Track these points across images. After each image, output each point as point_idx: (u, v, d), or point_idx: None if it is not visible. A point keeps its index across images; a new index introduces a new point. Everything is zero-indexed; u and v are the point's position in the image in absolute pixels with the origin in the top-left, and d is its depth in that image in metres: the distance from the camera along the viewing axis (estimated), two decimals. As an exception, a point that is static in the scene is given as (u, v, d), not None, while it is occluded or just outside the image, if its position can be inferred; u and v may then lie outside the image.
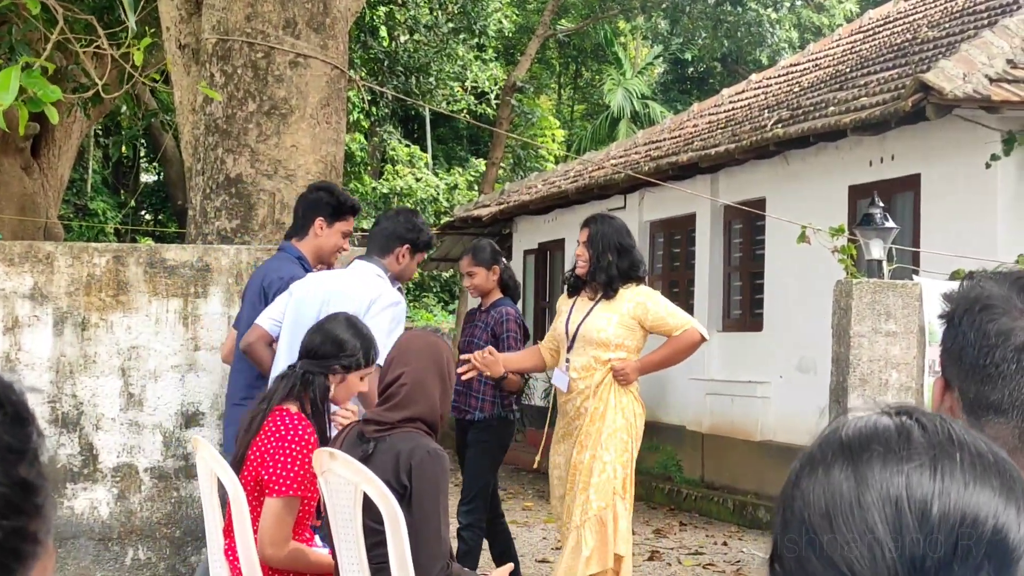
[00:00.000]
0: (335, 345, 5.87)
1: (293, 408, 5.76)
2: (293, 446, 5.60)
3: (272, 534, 5.56)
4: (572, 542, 7.87)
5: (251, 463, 5.73)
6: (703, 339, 8.17)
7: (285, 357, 6.66)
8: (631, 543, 8.12)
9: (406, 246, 7.27)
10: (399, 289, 7.26)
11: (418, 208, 31.16)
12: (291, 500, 5.56)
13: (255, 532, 5.68)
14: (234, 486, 5.60)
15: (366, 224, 29.51)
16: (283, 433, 5.65)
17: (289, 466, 5.57)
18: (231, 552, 5.74)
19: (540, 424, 10.07)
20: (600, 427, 7.94)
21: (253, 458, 5.72)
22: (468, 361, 8.36)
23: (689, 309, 17.59)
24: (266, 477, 5.60)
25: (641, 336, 8.11)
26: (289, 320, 6.92)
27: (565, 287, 8.49)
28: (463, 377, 8.35)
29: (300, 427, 5.67)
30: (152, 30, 9.13)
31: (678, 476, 16.39)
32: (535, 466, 9.58)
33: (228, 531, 5.75)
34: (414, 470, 5.06)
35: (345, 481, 5.07)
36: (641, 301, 8.07)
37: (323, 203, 7.42)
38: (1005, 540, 1.31)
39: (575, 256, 8.20)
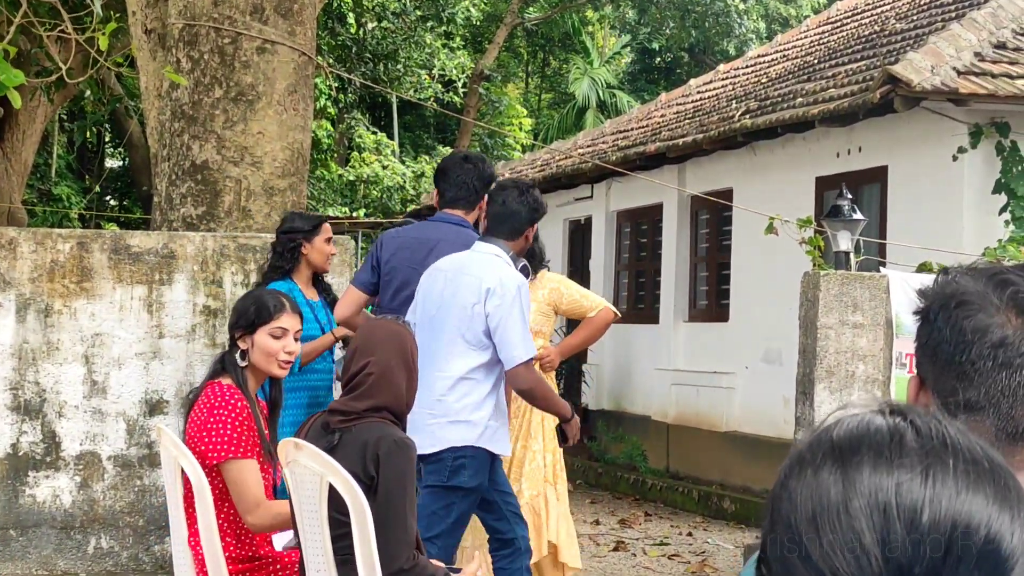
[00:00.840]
0: (232, 314, 6.17)
1: (226, 381, 5.84)
2: (219, 412, 5.69)
3: (240, 502, 5.60)
4: None
5: (190, 440, 5.76)
6: (616, 316, 8.42)
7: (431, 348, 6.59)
8: (571, 530, 8.10)
9: (535, 227, 7.15)
10: (523, 267, 7.03)
11: (384, 196, 31.07)
12: (235, 463, 5.60)
13: (218, 519, 5.65)
14: (197, 474, 5.56)
15: (332, 211, 29.43)
16: (211, 404, 5.76)
17: (220, 431, 5.66)
18: (195, 540, 5.70)
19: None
20: (530, 417, 7.96)
21: (191, 434, 5.76)
22: None
23: (655, 299, 17.61)
24: (203, 448, 5.65)
25: (554, 321, 8.23)
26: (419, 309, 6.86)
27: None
28: None
29: (227, 395, 5.75)
30: (118, 15, 9.06)
31: (643, 466, 16.39)
32: None
33: (193, 520, 5.72)
34: (381, 460, 5.02)
35: (310, 472, 5.02)
36: (555, 287, 8.25)
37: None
38: (998, 549, 1.27)
39: None
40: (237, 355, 5.92)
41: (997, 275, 2.13)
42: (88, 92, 18.93)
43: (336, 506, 4.98)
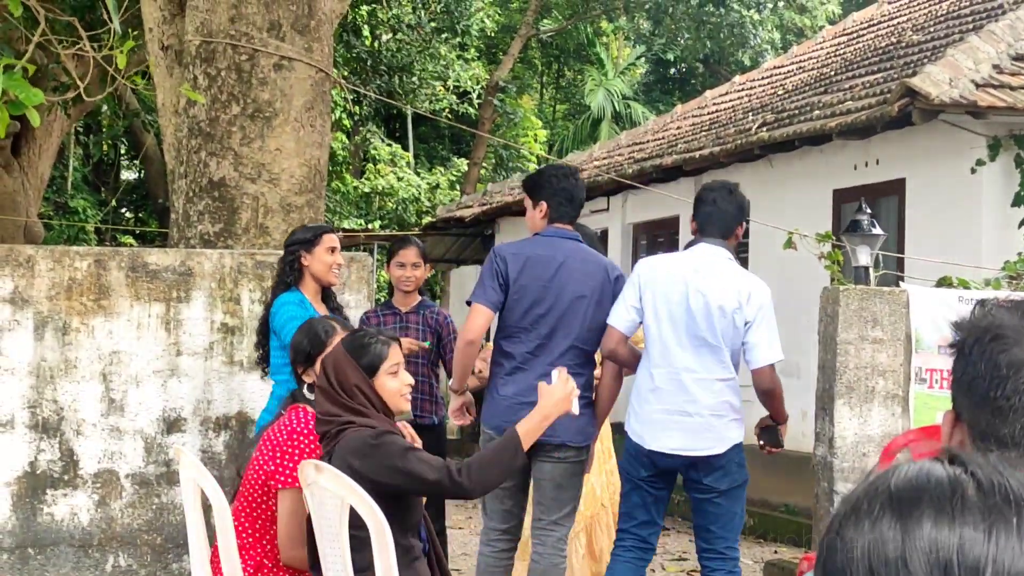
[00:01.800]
0: (290, 352, 6.17)
1: (311, 408, 5.77)
2: (299, 439, 5.63)
3: (288, 531, 5.57)
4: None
5: (259, 457, 5.73)
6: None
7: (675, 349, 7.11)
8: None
9: (743, 224, 7.56)
10: None
11: (399, 208, 31.06)
12: (296, 493, 5.55)
13: (240, 542, 5.63)
14: (217, 496, 5.54)
15: (347, 224, 29.43)
16: (292, 428, 5.73)
17: (295, 456, 5.59)
18: (216, 562, 5.68)
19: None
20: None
21: (263, 452, 5.72)
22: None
23: (672, 312, 17.53)
24: (272, 468, 5.64)
25: None
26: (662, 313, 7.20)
27: None
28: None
29: (311, 423, 5.67)
30: (135, 32, 9.06)
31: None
32: None
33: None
34: (355, 452, 5.04)
35: (331, 494, 5.01)
36: None
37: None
38: None
39: None
40: (304, 389, 5.91)
41: None
42: (105, 107, 18.95)
43: (352, 520, 4.98)
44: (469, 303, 7.19)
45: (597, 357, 7.57)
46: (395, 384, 5.40)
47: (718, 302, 7.10)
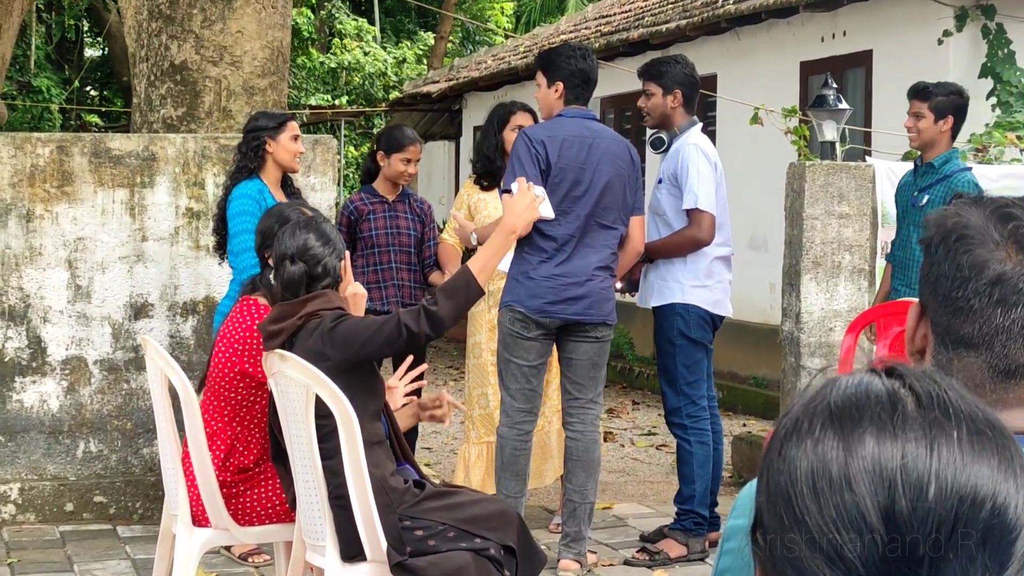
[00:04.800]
0: (256, 237, 6.06)
1: (261, 300, 5.76)
2: (256, 331, 5.63)
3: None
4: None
5: (220, 353, 5.73)
6: None
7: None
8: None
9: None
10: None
11: (366, 83, 30.85)
12: None
13: (210, 430, 5.66)
14: (184, 385, 5.55)
15: (314, 100, 29.24)
16: (247, 323, 5.73)
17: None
18: (187, 450, 5.71)
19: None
20: None
21: (222, 347, 5.72)
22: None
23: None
24: (247, 366, 5.67)
25: None
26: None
27: (476, 175, 8.41)
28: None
29: (261, 313, 5.69)
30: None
31: (629, 354, 16.42)
32: None
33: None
34: (322, 337, 5.05)
35: (296, 383, 5.02)
36: None
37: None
38: (1003, 519, 1.24)
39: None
40: (270, 275, 5.85)
41: (1001, 208, 2.09)
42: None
43: (318, 410, 5.00)
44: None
45: None
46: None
47: None
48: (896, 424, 1.28)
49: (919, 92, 8.14)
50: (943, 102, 8.02)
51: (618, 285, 7.82)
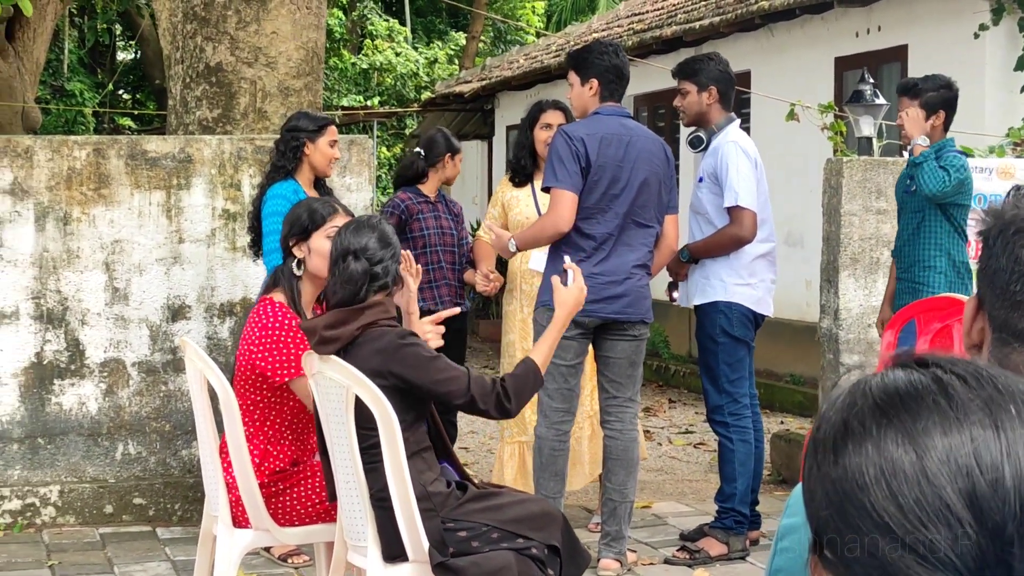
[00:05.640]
0: (284, 225, 5.99)
1: (277, 298, 5.74)
2: (275, 332, 5.63)
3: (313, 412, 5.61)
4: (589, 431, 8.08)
5: (240, 355, 5.73)
6: None
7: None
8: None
9: None
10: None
11: (398, 83, 30.88)
12: (299, 381, 5.59)
13: (245, 431, 5.65)
14: (224, 388, 5.54)
15: (346, 101, 29.27)
16: (264, 323, 5.69)
17: (282, 350, 5.63)
18: (225, 451, 5.71)
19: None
20: None
21: (242, 349, 5.72)
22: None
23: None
24: (265, 366, 5.67)
25: None
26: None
27: (510, 172, 8.40)
28: (488, 289, 8.40)
29: (278, 314, 5.69)
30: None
31: (665, 352, 16.38)
32: None
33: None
34: (391, 358, 5.01)
35: (336, 384, 5.00)
36: None
37: None
38: None
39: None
40: (293, 264, 5.84)
41: None
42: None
43: (361, 415, 4.97)
44: (545, 189, 7.17)
45: None
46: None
47: None
48: (956, 410, 1.26)
49: (908, 89, 8.07)
50: (933, 97, 7.95)
51: (675, 295, 7.88)
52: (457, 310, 6.41)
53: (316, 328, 5.15)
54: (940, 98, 7.96)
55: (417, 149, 8.86)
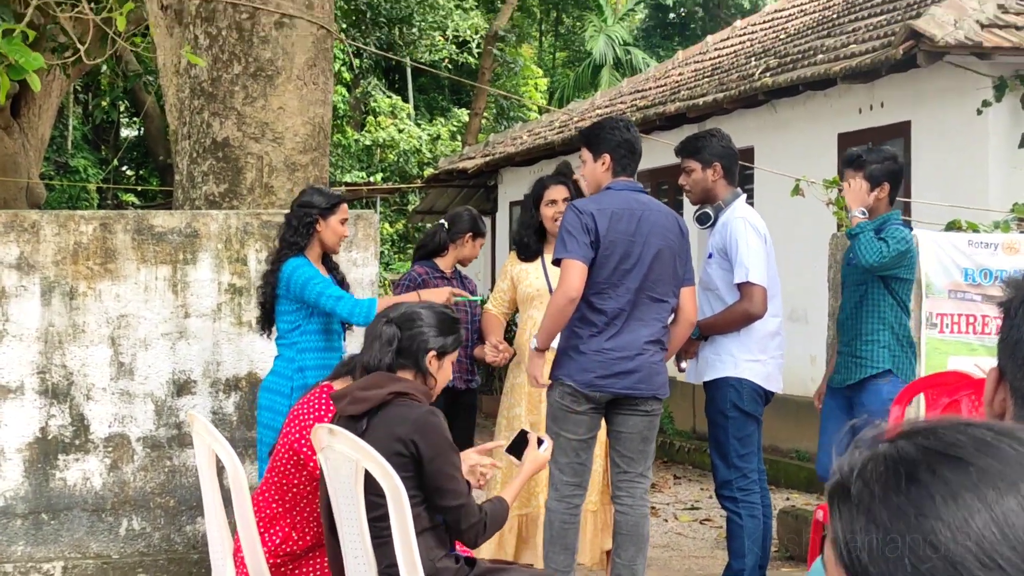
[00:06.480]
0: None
1: (338, 386, 5.75)
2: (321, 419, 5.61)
3: None
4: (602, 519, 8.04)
5: (284, 436, 5.72)
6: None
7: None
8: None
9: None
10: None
11: (400, 160, 30.99)
12: None
13: (270, 513, 5.63)
14: (232, 461, 5.52)
15: (349, 177, 29.35)
16: (320, 412, 5.70)
17: None
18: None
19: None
20: None
21: (291, 425, 5.71)
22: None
23: (678, 259, 17.49)
24: (306, 455, 5.65)
25: None
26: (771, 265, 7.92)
27: (516, 248, 8.44)
28: (498, 360, 8.37)
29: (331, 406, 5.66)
30: (133, -9, 8.97)
31: (670, 428, 16.34)
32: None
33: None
34: (418, 430, 5.02)
35: (345, 458, 4.98)
36: None
37: None
38: None
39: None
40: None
41: None
42: (104, 67, 18.86)
43: (371, 489, 4.96)
44: (556, 262, 7.16)
45: None
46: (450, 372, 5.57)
47: None
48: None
49: (852, 161, 8.06)
50: (877, 169, 7.93)
51: (683, 365, 7.86)
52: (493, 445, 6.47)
53: (349, 391, 5.20)
54: (885, 170, 7.92)
55: (441, 221, 8.95)
